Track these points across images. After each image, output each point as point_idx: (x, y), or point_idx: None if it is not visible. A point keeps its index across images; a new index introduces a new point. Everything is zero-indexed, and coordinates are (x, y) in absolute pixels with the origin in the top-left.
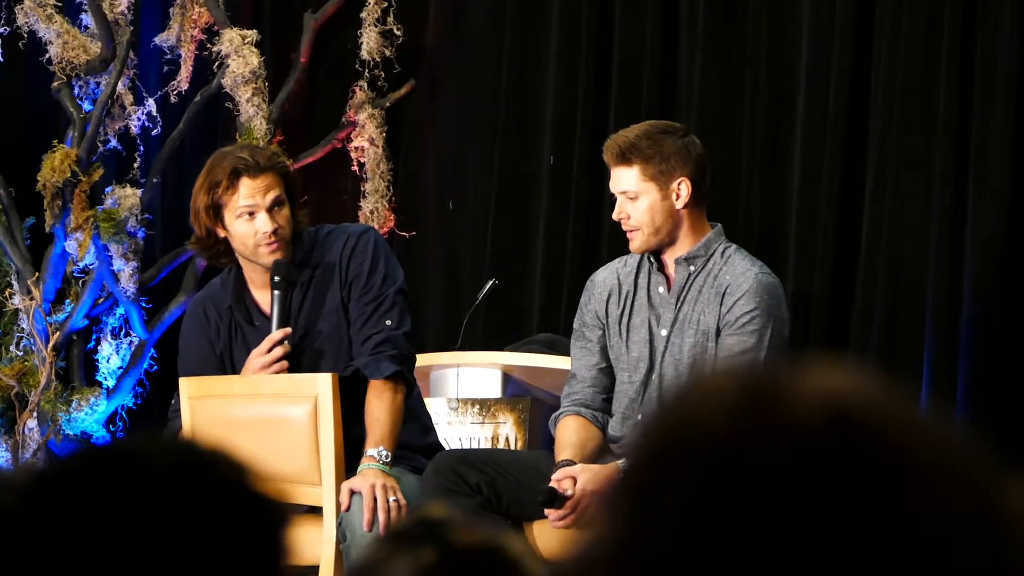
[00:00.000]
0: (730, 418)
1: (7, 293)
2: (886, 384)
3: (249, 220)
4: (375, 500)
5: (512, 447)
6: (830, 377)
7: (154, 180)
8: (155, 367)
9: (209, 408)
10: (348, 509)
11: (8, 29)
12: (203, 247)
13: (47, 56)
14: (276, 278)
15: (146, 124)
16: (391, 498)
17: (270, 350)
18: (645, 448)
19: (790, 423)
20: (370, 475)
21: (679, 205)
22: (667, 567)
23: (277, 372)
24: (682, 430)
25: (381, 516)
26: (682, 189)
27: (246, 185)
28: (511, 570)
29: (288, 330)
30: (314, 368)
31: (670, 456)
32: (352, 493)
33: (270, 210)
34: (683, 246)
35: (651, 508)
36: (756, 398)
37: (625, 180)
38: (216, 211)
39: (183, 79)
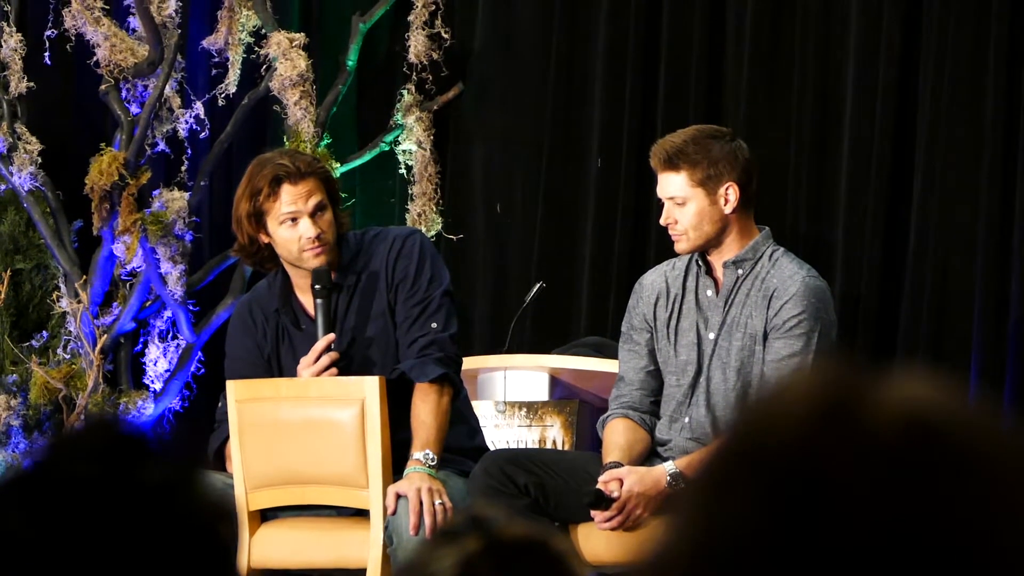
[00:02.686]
0: (807, 426)
1: (55, 296)
2: (970, 397)
3: (292, 226)
4: (421, 504)
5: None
6: (912, 388)
7: (202, 183)
8: (202, 370)
9: (256, 411)
10: (394, 513)
11: (56, 32)
12: (246, 254)
13: (95, 59)
14: (316, 286)
15: (194, 127)
16: (437, 501)
17: (317, 358)
18: (721, 451)
19: (866, 434)
20: (416, 478)
21: (727, 210)
22: (731, 571)
23: None
24: (759, 435)
25: (427, 519)
26: (730, 194)
27: (287, 192)
28: (554, 564)
29: (332, 336)
30: (362, 371)
31: (745, 460)
32: (398, 497)
33: (312, 215)
34: (731, 249)
35: (722, 510)
36: (834, 407)
37: (673, 185)
38: (258, 218)
39: (231, 82)
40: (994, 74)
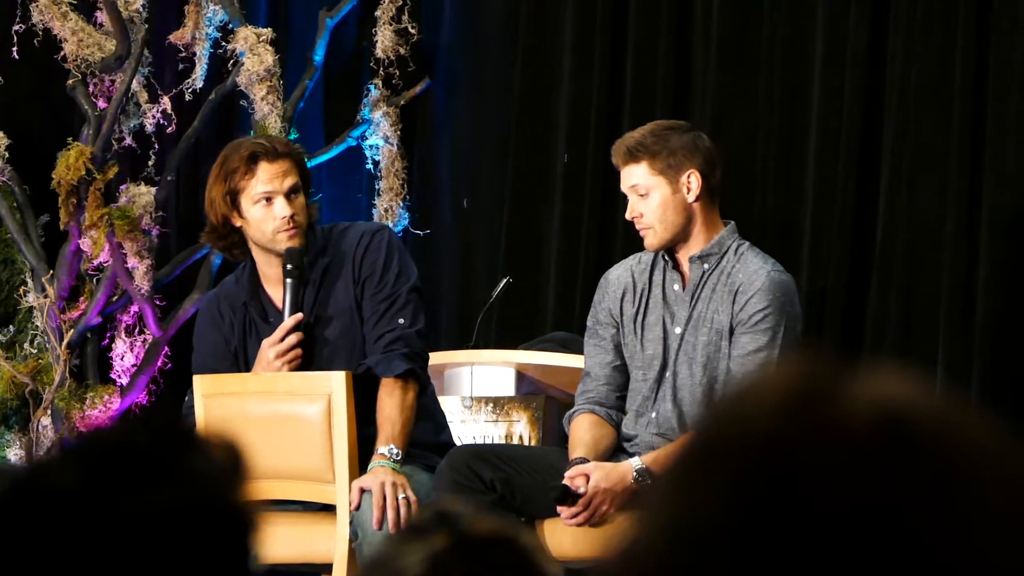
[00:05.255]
0: (776, 420)
1: (21, 291)
2: (942, 391)
3: (267, 206)
4: (384, 498)
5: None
6: (884, 382)
7: (169, 178)
8: (169, 365)
9: (223, 405)
10: (358, 507)
11: (23, 26)
12: (217, 237)
13: (62, 54)
14: (289, 266)
15: (161, 122)
16: (400, 495)
17: (283, 339)
18: (690, 446)
19: (836, 427)
20: (380, 473)
21: (690, 198)
22: (701, 563)
23: (291, 360)
24: (727, 430)
25: (390, 514)
26: (692, 181)
27: (264, 170)
28: (523, 561)
29: (300, 316)
30: (328, 366)
31: (713, 455)
32: (362, 491)
33: (287, 196)
34: (697, 244)
35: (691, 505)
36: (804, 400)
37: (634, 176)
38: (233, 198)
39: (198, 77)
40: (961, 70)
